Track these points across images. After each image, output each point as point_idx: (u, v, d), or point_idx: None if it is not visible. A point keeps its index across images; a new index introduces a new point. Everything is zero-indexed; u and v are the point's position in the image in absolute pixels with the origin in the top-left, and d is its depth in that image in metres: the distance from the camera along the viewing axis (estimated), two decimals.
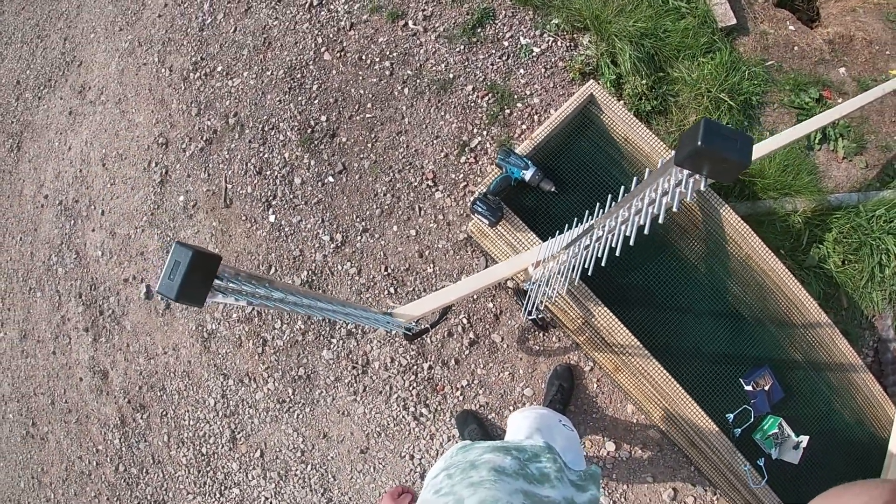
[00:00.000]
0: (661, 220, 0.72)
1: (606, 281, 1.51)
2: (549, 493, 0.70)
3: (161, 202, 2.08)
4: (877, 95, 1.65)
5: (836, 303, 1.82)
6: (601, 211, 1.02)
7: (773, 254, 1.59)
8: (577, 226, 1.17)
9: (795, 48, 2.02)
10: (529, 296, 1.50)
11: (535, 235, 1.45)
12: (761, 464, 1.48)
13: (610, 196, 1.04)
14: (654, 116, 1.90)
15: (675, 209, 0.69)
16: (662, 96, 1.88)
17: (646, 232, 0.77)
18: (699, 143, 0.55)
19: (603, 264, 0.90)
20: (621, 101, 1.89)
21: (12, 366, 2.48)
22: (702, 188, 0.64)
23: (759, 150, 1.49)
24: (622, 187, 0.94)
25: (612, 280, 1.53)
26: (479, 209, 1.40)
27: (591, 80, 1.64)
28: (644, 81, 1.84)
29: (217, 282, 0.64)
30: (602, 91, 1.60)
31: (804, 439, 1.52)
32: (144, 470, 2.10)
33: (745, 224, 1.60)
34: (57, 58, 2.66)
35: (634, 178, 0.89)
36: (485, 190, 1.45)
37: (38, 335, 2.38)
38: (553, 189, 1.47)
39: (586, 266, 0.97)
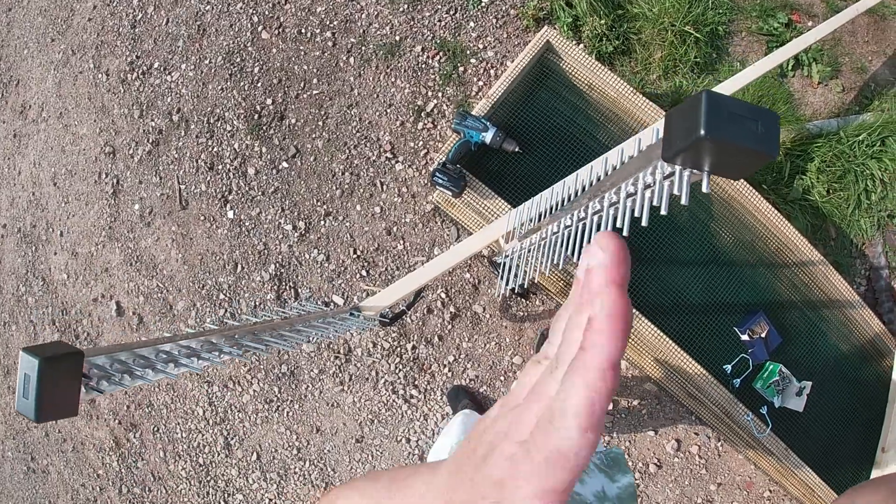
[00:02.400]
0: (644, 223, 0.51)
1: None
2: (577, 489, 0.61)
3: (117, 214, 1.98)
4: (849, 17, 1.53)
5: (825, 234, 1.74)
6: (571, 188, 0.82)
7: (756, 192, 1.50)
8: (549, 194, 1.06)
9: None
10: (503, 269, 1.41)
11: (504, 202, 1.36)
12: (764, 412, 1.42)
13: (577, 176, 0.84)
14: (617, 57, 1.78)
15: (663, 211, 0.48)
16: (624, 35, 1.76)
17: (624, 234, 0.52)
18: (701, 132, 0.35)
19: (575, 257, 0.78)
20: (581, 45, 1.76)
21: (1, 403, 2.43)
22: (704, 189, 0.42)
23: (733, 84, 1.37)
24: (591, 166, 0.72)
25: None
26: (440, 180, 1.30)
27: (546, 26, 1.52)
28: (603, 21, 1.71)
29: (89, 381, 0.51)
30: (558, 36, 1.48)
31: (807, 385, 1.45)
32: (147, 488, 2.06)
33: None
34: None
35: (606, 158, 0.66)
36: (443, 159, 1.35)
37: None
38: (517, 149, 1.37)
39: (558, 255, 0.85)
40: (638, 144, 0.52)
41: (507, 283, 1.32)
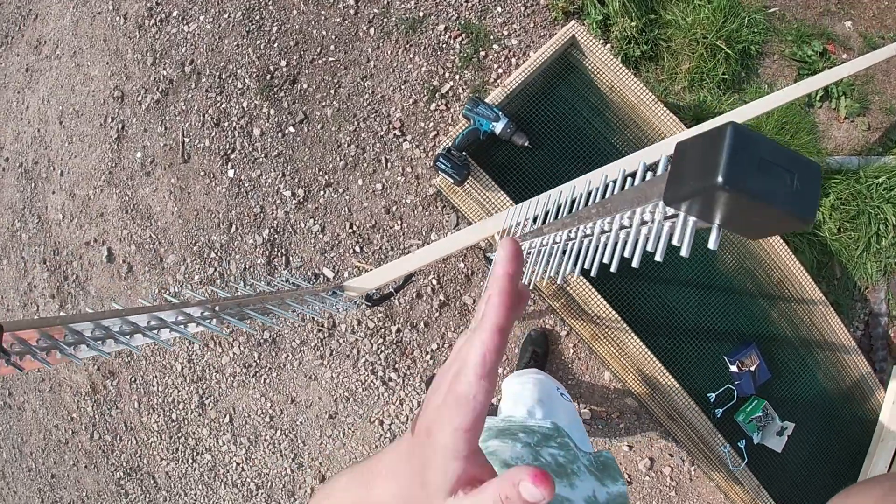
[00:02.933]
0: (634, 264, 0.42)
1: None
2: (568, 495, 0.58)
3: (119, 160, 1.95)
4: (886, 55, 1.47)
5: (830, 272, 1.69)
6: (569, 198, 0.69)
7: None
8: (547, 198, 0.99)
9: (775, 10, 1.82)
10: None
11: (506, 196, 1.31)
12: (742, 446, 1.38)
13: (573, 188, 0.70)
14: (643, 63, 1.73)
15: (658, 258, 0.39)
16: (654, 41, 1.70)
17: (612, 270, 0.49)
18: (718, 179, 0.26)
19: (576, 275, 0.68)
20: (608, 45, 1.70)
21: None
22: (712, 245, 0.34)
23: (759, 107, 1.32)
24: (588, 180, 0.59)
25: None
26: (443, 166, 1.25)
27: (574, 21, 1.46)
28: (634, 24, 1.65)
29: (8, 356, 0.41)
30: (585, 33, 1.42)
31: (790, 426, 1.41)
32: (118, 437, 2.05)
33: None
34: (13, 13, 2.48)
35: (605, 174, 0.53)
36: (449, 144, 1.31)
37: (7, 304, 2.31)
38: (527, 143, 1.32)
39: (555, 266, 0.74)
40: (641, 169, 0.42)
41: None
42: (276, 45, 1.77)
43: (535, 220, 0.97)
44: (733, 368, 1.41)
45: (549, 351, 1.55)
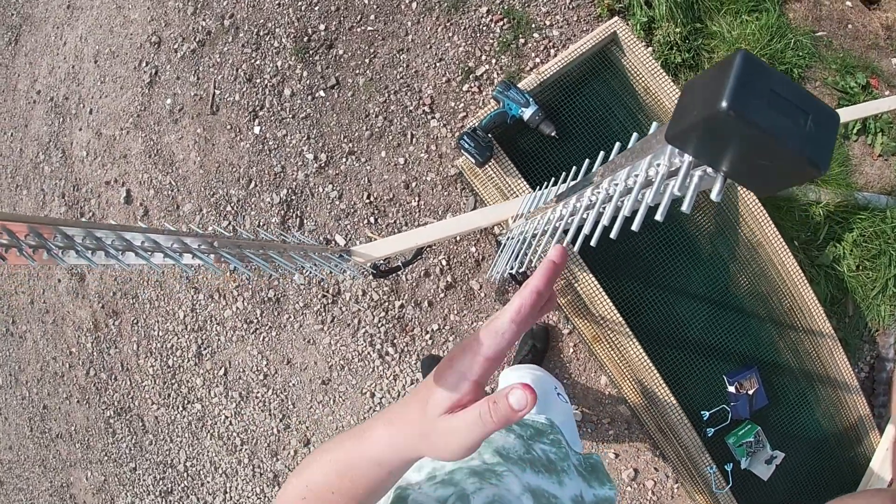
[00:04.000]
0: (634, 227, 0.38)
1: (589, 246, 1.35)
2: (556, 492, 0.57)
3: (148, 104, 1.95)
4: None
5: (842, 308, 1.64)
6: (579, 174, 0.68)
7: (786, 246, 1.40)
8: (565, 182, 0.97)
9: (849, 26, 1.76)
10: (503, 249, 1.35)
11: (525, 183, 1.28)
12: (728, 469, 1.35)
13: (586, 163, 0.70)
14: (682, 70, 1.68)
15: (659, 217, 0.36)
16: (696, 50, 1.66)
17: (612, 236, 0.46)
18: (723, 104, 0.23)
19: (575, 248, 0.64)
20: (649, 48, 1.67)
21: None
22: (714, 196, 0.29)
23: None
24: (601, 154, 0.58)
25: (603, 244, 1.37)
26: (467, 145, 1.22)
27: (616, 18, 1.43)
28: (678, 30, 1.61)
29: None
30: (627, 31, 1.38)
31: (779, 456, 1.37)
32: (113, 376, 2.06)
33: (762, 207, 1.40)
34: None
35: (617, 146, 0.52)
36: (475, 124, 1.28)
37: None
38: (553, 133, 1.28)
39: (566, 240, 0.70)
40: (654, 126, 0.39)
41: (505, 266, 1.26)
42: (317, 8, 1.74)
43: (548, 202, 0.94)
44: (731, 389, 1.37)
45: (549, 347, 1.52)
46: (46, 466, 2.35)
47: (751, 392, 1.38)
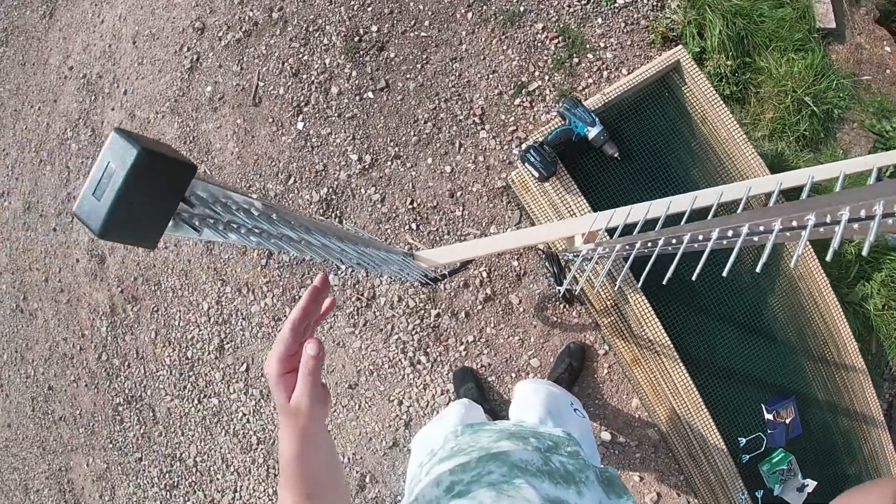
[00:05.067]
0: (758, 268, 0.42)
1: (641, 268, 1.30)
2: (576, 502, 0.56)
3: (187, 90, 1.85)
4: None
5: (866, 346, 1.62)
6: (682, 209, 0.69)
7: (828, 281, 1.38)
8: (647, 208, 0.92)
9: (888, 71, 1.75)
10: (566, 267, 1.29)
11: (585, 202, 1.23)
12: (759, 495, 1.31)
13: (694, 198, 0.73)
14: (730, 103, 1.65)
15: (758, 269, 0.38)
16: (744, 83, 1.63)
17: (724, 274, 0.46)
18: None
19: (663, 281, 0.61)
20: None
21: (12, 237, 2.32)
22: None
23: (830, 170, 1.25)
24: (720, 192, 0.59)
25: (656, 271, 1.32)
26: (532, 159, 1.17)
27: (680, 46, 1.39)
28: (729, 63, 1.58)
29: (184, 207, 0.36)
30: (690, 60, 1.34)
31: (811, 484, 1.33)
32: (127, 363, 1.95)
33: (808, 243, 1.37)
34: None
35: (721, 191, 0.47)
36: (541, 139, 1.23)
37: (41, 209, 2.20)
38: (616, 155, 1.24)
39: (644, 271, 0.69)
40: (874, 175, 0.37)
41: (563, 282, 1.20)
42: (370, 9, 1.68)
43: (633, 228, 0.89)
44: (769, 417, 1.33)
45: (584, 367, 1.47)
46: (46, 448, 2.22)
47: (787, 421, 1.34)
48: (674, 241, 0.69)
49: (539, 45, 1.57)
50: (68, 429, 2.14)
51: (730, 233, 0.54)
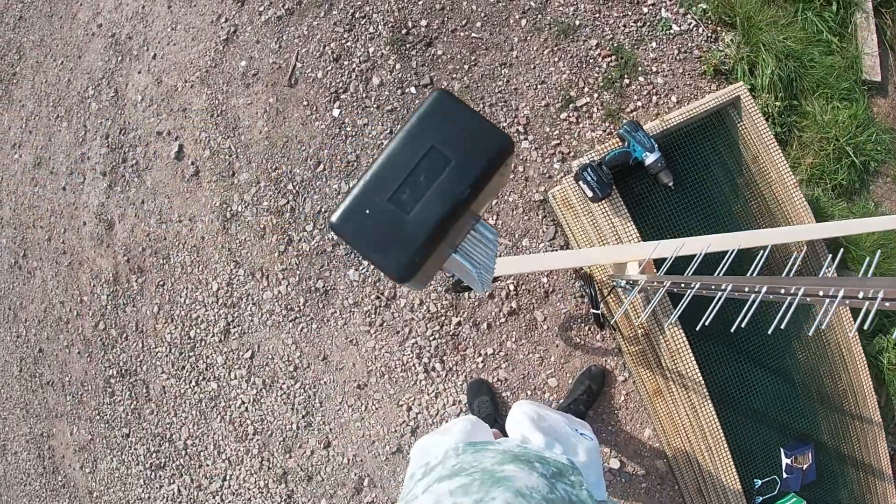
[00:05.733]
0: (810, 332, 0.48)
1: (680, 300, 1.25)
2: None
3: (220, 61, 1.75)
4: None
5: (877, 399, 1.59)
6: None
7: (857, 334, 1.34)
8: (707, 245, 0.87)
9: None
10: (602, 291, 1.22)
11: (634, 227, 1.17)
12: None
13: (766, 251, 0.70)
14: (780, 151, 1.62)
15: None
16: (789, 126, 1.58)
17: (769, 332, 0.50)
18: None
19: (707, 323, 0.60)
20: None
21: (19, 191, 2.19)
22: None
23: (862, 225, 1.20)
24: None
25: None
26: (589, 178, 1.11)
27: (741, 83, 1.34)
28: (777, 104, 1.53)
29: None
30: (749, 97, 1.29)
31: None
32: (125, 335, 1.84)
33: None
34: None
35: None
36: (598, 159, 1.16)
37: (52, 166, 2.07)
38: (671, 184, 1.19)
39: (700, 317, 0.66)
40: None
41: (598, 305, 1.13)
42: (421, 2, 1.60)
43: (697, 267, 0.83)
44: (787, 461, 1.29)
45: (602, 392, 1.40)
46: (29, 412, 2.09)
47: (804, 467, 1.30)
48: (739, 291, 0.66)
49: (591, 61, 1.50)
50: (55, 394, 2.02)
51: (790, 290, 0.56)
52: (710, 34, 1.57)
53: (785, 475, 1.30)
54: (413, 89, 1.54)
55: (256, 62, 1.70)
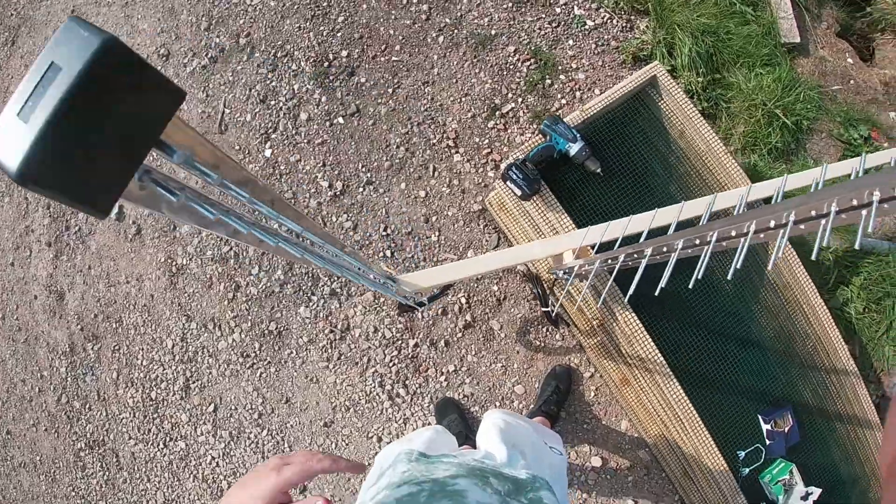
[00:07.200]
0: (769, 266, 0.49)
1: (628, 285, 1.19)
2: None
3: None
4: None
5: (850, 350, 1.55)
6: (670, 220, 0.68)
7: (815, 287, 1.29)
8: (630, 222, 0.84)
9: (851, 82, 1.73)
10: (554, 283, 1.16)
11: (569, 219, 1.12)
12: None
13: (681, 208, 0.71)
14: (705, 121, 1.59)
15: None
16: (715, 99, 1.56)
17: (699, 277, 0.50)
18: None
19: (662, 285, 0.58)
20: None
21: None
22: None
23: (802, 178, 1.18)
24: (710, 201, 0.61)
25: (642, 286, 1.20)
26: (514, 176, 1.06)
27: (656, 62, 1.31)
28: (699, 80, 1.51)
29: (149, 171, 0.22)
30: (666, 74, 1.26)
31: (815, 491, 1.22)
32: (88, 406, 1.71)
33: (791, 249, 1.29)
34: None
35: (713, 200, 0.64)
36: (522, 156, 1.11)
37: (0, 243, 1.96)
38: (599, 170, 1.14)
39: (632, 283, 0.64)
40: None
41: (549, 303, 1.07)
42: (339, 34, 1.55)
43: (624, 242, 0.78)
44: (766, 427, 1.22)
45: (571, 390, 1.33)
46: (6, 497, 1.93)
47: (786, 430, 1.24)
48: (664, 249, 0.65)
49: (511, 67, 1.47)
50: (28, 476, 1.87)
51: (742, 230, 0.51)
52: (624, 24, 1.55)
53: (768, 441, 1.23)
54: (341, 119, 1.48)
55: (185, 113, 1.62)
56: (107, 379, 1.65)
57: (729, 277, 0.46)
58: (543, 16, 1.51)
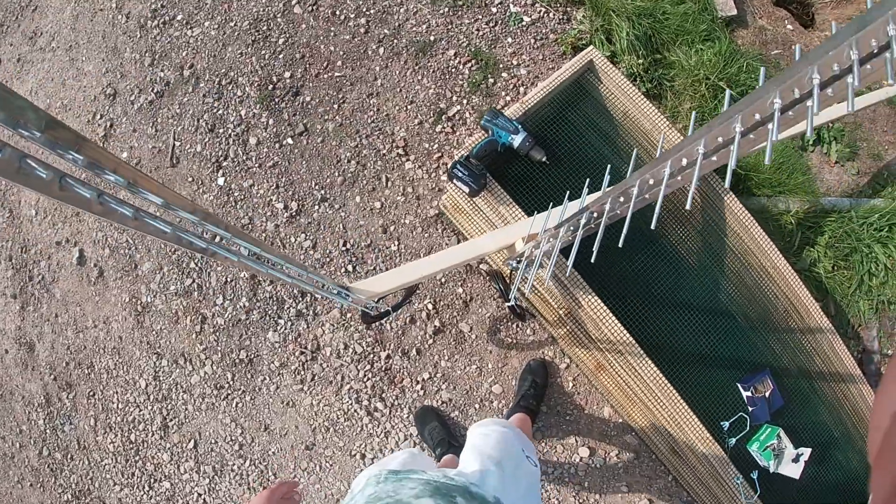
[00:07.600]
0: (652, 225, 0.48)
1: (590, 270, 1.18)
2: None
3: None
4: (868, 102, 1.39)
5: (824, 309, 1.54)
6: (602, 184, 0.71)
7: (777, 250, 1.29)
8: (573, 199, 0.84)
9: (793, 47, 1.75)
10: (512, 275, 1.15)
11: (520, 210, 1.11)
12: (755, 477, 1.18)
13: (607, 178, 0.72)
14: (647, 99, 1.60)
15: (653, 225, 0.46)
16: (658, 80, 1.57)
17: (652, 227, 0.49)
18: None
19: (594, 251, 0.58)
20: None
21: None
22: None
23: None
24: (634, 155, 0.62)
25: (596, 269, 1.19)
26: (460, 174, 1.05)
27: (591, 47, 1.30)
28: (640, 62, 1.52)
29: None
30: (602, 58, 1.26)
31: (806, 452, 1.21)
32: (69, 456, 1.67)
33: (749, 215, 1.29)
34: (12, 2, 2.17)
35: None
36: (466, 153, 1.10)
37: None
38: (544, 159, 1.13)
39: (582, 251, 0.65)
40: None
41: (510, 295, 1.06)
42: (281, 56, 1.53)
43: (563, 224, 0.77)
44: (747, 394, 1.21)
45: (549, 383, 1.31)
46: None
47: (767, 394, 1.23)
48: (595, 214, 0.68)
49: (453, 70, 1.46)
50: None
51: (650, 181, 0.55)
52: (561, 16, 1.55)
53: (750, 408, 1.22)
54: (290, 140, 1.46)
55: (137, 150, 1.60)
56: (85, 426, 1.61)
57: (652, 227, 0.46)
58: (480, 17, 1.51)
